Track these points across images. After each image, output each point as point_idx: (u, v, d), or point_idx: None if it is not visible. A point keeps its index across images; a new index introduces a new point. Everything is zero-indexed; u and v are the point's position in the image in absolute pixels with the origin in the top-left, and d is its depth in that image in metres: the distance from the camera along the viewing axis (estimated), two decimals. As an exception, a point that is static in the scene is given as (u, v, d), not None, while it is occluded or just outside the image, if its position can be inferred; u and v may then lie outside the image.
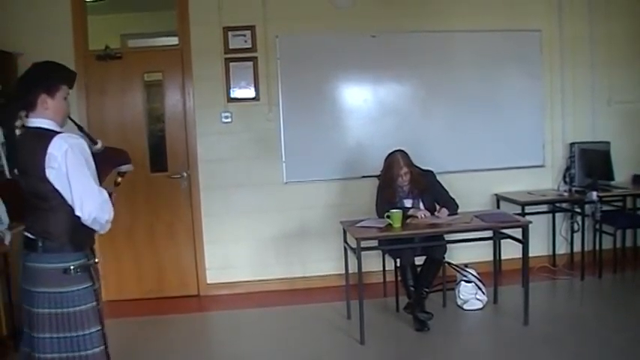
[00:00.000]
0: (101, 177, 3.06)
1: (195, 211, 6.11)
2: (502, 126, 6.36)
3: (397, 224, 4.82)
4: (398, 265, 5.23)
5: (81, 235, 2.80)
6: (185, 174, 6.08)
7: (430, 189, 5.22)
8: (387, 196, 5.17)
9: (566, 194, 6.19)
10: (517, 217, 5.28)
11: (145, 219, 6.04)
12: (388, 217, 4.85)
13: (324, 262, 6.17)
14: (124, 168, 3.20)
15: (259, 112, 6.08)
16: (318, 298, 5.84)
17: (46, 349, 2.79)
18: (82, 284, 2.80)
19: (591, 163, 6.24)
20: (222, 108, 6.04)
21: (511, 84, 6.38)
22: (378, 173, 5.35)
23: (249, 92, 6.05)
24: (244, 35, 6.00)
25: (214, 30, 5.97)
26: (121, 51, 6.06)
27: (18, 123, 2.98)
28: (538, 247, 6.33)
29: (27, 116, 2.86)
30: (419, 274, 5.13)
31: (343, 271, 5.30)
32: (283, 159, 6.11)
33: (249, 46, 6.00)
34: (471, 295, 5.34)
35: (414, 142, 5.74)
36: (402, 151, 5.19)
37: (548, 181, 6.55)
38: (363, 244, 4.69)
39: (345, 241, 5.21)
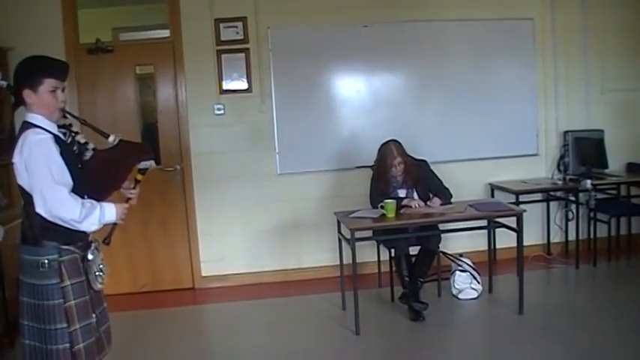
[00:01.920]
0: (120, 173, 3.05)
1: (189, 204, 6.09)
2: (496, 115, 6.35)
3: (391, 214, 4.81)
4: (392, 255, 5.22)
5: (52, 231, 2.77)
6: (178, 167, 6.06)
7: (424, 179, 5.20)
8: (380, 186, 5.16)
9: (560, 183, 6.19)
10: (511, 206, 5.27)
11: (138, 212, 5.95)
12: (382, 207, 4.85)
13: (318, 254, 6.17)
14: (142, 164, 3.02)
15: (252, 103, 6.06)
16: (313, 290, 5.84)
17: (24, 335, 2.86)
18: (51, 280, 2.79)
19: (585, 151, 6.24)
20: (215, 100, 6.01)
21: (504, 73, 6.36)
22: (372, 164, 5.33)
23: (242, 84, 6.02)
24: (236, 27, 5.97)
25: (205, 22, 5.94)
26: (112, 44, 6.02)
27: None
28: (533, 236, 6.34)
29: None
30: (413, 264, 5.11)
31: (338, 262, 5.31)
32: (277, 150, 6.09)
33: (241, 37, 5.98)
34: (465, 285, 5.35)
35: (408, 132, 5.74)
36: (395, 141, 5.18)
37: (542, 169, 6.55)
38: (358, 234, 4.69)
39: (340, 232, 5.20)
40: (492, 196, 6.30)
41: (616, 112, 6.59)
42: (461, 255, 5.60)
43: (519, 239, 4.86)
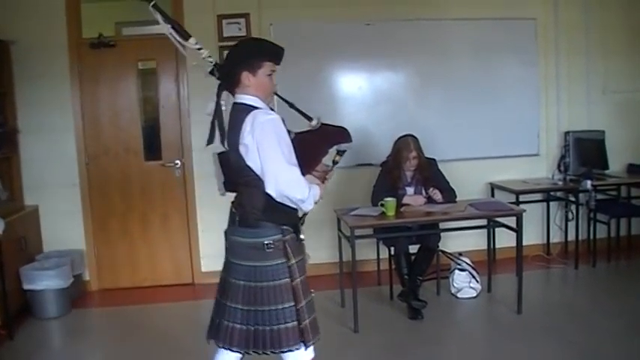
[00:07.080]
0: (318, 155, 3.07)
1: (190, 199, 6.10)
2: (497, 114, 6.35)
3: (391, 213, 4.82)
4: (392, 253, 5.23)
5: (275, 211, 2.78)
6: (179, 162, 6.06)
7: (432, 177, 5.22)
8: (390, 179, 5.17)
9: (560, 183, 6.18)
10: (511, 205, 5.28)
11: (138, 207, 6.02)
12: (382, 205, 4.85)
13: (317, 251, 6.09)
14: (343, 146, 3.13)
15: (254, 100, 6.04)
16: (312, 287, 5.69)
17: (236, 318, 2.86)
18: (275, 260, 2.80)
19: (586, 151, 6.24)
20: (217, 96, 6.00)
21: (506, 72, 6.36)
22: (373, 162, 5.35)
23: (244, 80, 6.01)
24: (238, 23, 5.97)
25: (208, 18, 5.93)
26: (115, 39, 6.03)
27: (224, 97, 3.03)
28: (532, 236, 6.34)
29: (234, 93, 2.96)
30: (413, 263, 5.12)
31: (337, 260, 5.32)
32: (278, 147, 6.07)
33: (244, 33, 5.97)
34: (464, 284, 5.35)
35: (409, 130, 5.67)
36: (412, 135, 5.22)
37: (542, 169, 6.55)
38: (357, 232, 4.70)
39: (340, 230, 5.21)
40: (492, 195, 6.31)
41: (617, 112, 6.59)
42: (460, 254, 5.60)
43: (519, 239, 4.86)
